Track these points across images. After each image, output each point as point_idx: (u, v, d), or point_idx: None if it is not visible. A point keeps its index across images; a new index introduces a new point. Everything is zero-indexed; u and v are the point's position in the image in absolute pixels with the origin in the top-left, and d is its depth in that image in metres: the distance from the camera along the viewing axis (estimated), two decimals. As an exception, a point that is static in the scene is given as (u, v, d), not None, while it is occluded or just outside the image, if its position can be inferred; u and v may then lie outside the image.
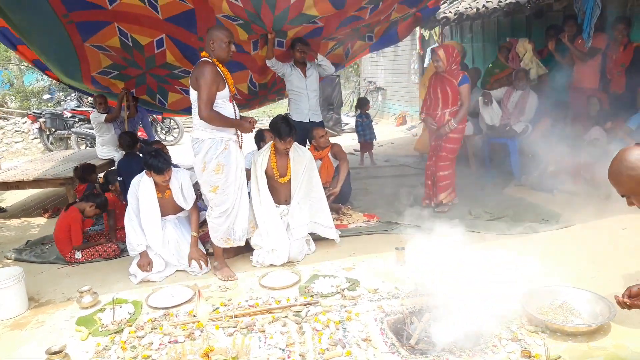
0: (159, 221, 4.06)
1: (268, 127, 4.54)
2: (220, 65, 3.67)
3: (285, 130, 4.08)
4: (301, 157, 4.32)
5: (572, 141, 5.28)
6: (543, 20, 7.04)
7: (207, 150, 3.70)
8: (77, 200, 4.82)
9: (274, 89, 6.59)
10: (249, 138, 4.60)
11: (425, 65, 10.32)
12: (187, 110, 5.10)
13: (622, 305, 2.53)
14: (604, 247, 3.98)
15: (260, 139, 5.38)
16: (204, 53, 3.71)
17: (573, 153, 5.23)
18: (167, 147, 5.38)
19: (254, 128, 3.95)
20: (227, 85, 3.69)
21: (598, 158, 5.08)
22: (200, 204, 4.39)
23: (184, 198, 4.10)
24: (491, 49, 8.70)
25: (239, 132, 3.84)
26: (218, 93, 3.62)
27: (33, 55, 5.84)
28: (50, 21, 4.66)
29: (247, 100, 6.58)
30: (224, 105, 3.70)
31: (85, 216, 4.54)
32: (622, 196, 2.26)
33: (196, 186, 4.18)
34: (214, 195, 3.81)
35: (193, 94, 3.67)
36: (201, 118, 3.60)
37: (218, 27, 3.91)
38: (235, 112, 3.82)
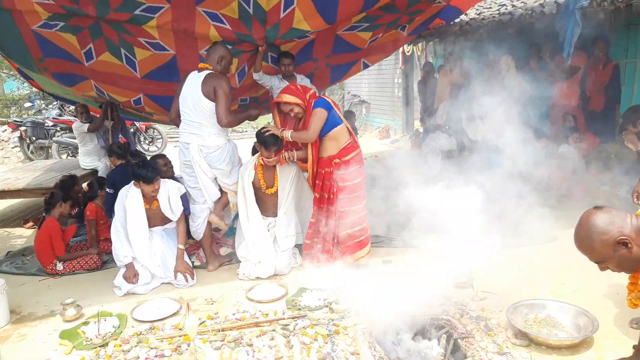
0: (146, 232, 4.03)
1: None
2: None
3: (270, 142, 4.06)
4: (288, 167, 4.32)
5: (549, 156, 5.43)
6: (525, 37, 7.21)
7: (230, 152, 4.21)
8: (44, 213, 4.72)
9: (265, 105, 6.62)
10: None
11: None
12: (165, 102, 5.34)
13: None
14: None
15: (255, 152, 5.41)
16: (205, 65, 4.07)
17: (549, 167, 5.37)
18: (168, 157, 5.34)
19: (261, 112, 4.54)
20: None
21: (569, 173, 5.27)
22: (186, 209, 4.34)
23: (171, 209, 4.08)
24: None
25: None
26: None
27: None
28: (24, 58, 4.70)
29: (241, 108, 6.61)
30: None
31: (63, 219, 4.49)
32: (595, 262, 2.14)
33: (183, 198, 4.16)
34: (236, 187, 4.24)
35: (207, 103, 3.96)
36: (224, 125, 4.06)
37: (225, 46, 4.27)
38: None
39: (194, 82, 4.00)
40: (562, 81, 6.17)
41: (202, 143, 4.05)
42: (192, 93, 3.99)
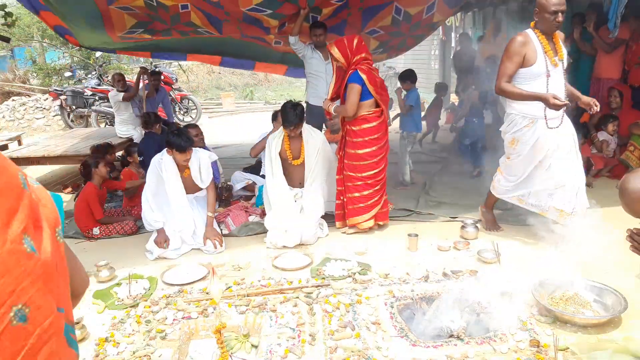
0: (184, 197, 4.15)
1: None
2: (542, 37, 3.62)
3: (290, 119, 4.16)
4: (314, 139, 4.34)
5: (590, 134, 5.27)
6: (568, 7, 6.90)
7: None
8: (83, 184, 4.90)
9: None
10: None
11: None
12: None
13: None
14: (619, 238, 3.93)
15: (274, 119, 5.45)
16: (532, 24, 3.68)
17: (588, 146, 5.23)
18: (200, 127, 5.46)
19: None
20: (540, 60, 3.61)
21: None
22: (217, 178, 4.41)
23: (201, 178, 4.16)
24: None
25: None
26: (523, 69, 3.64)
27: (55, 20, 5.86)
28: None
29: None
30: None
31: (102, 179, 4.68)
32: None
33: (214, 166, 4.25)
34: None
35: None
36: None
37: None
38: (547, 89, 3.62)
39: None
40: (605, 54, 5.90)
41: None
42: None
